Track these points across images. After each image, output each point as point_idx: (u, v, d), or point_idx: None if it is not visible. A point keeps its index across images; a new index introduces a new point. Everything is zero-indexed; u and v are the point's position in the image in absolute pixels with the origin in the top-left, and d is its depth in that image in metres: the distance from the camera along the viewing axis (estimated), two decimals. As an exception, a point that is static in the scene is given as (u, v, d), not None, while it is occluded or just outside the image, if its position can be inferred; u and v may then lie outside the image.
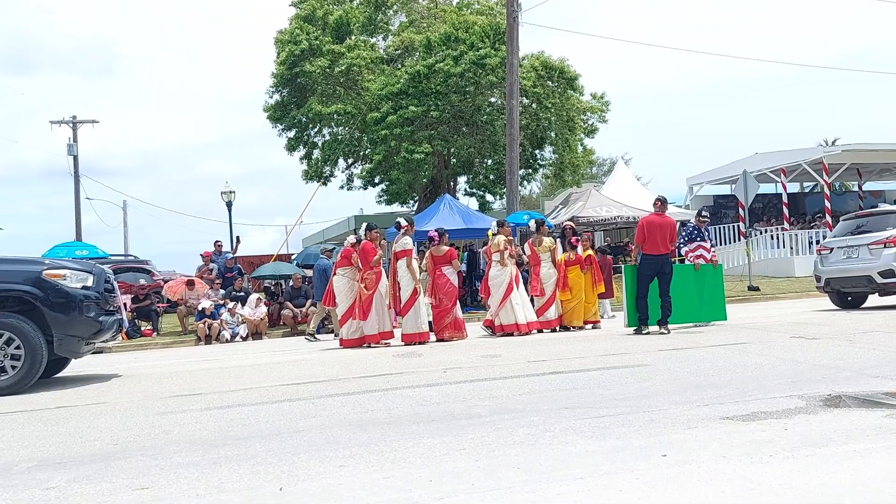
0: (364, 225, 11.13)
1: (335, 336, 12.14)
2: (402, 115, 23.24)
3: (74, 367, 9.25)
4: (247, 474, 3.59)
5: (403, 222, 11.10)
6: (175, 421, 5.20)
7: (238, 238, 21.00)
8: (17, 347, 7.19)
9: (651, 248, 9.95)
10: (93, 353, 10.10)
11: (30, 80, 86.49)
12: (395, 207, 29.99)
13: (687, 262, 11.31)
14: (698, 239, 11.66)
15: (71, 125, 33.80)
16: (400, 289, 10.62)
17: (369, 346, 10.48)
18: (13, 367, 7.21)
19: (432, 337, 10.87)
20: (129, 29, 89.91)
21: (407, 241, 10.79)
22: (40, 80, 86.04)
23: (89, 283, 7.66)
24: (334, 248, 16.39)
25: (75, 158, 33.72)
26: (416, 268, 10.71)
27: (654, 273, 9.95)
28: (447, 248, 11.18)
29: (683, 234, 11.60)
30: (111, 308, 8.06)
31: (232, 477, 3.56)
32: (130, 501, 3.28)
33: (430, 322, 10.99)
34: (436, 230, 11.40)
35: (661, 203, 10.48)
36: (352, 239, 11.33)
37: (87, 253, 18.11)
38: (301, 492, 3.25)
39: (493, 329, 11.29)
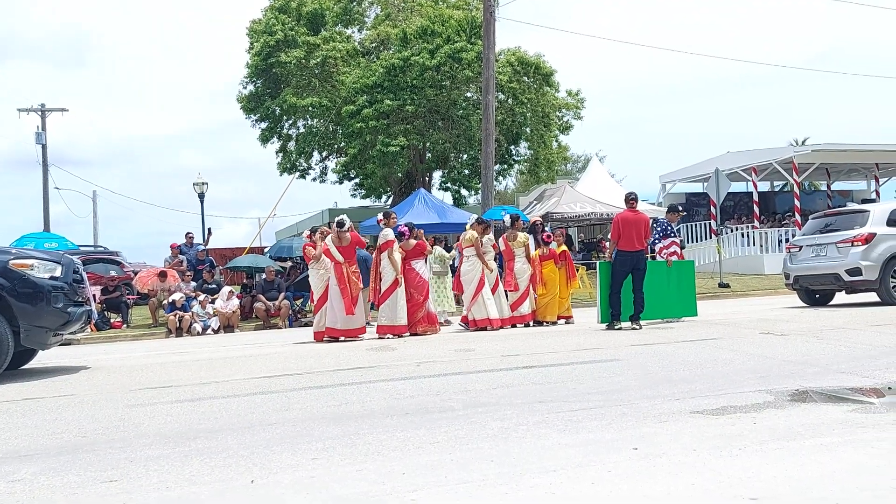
0: (338, 219, 11.03)
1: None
2: (378, 109, 23.15)
3: (42, 359, 9.09)
4: (218, 467, 3.56)
5: (381, 216, 11.17)
6: (145, 413, 5.14)
7: (210, 230, 20.80)
8: (-17, 338, 7.05)
9: (626, 245, 10.02)
10: (61, 345, 9.95)
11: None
12: (370, 202, 29.91)
13: (660, 258, 11.41)
14: (672, 235, 11.77)
15: (39, 113, 33.21)
16: (381, 280, 10.64)
17: (341, 340, 10.41)
18: (-22, 359, 7.07)
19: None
20: (100, 18, 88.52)
21: (388, 233, 10.79)
22: (8, 68, 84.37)
23: (57, 273, 7.53)
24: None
25: (44, 147, 33.16)
26: (397, 258, 10.69)
27: (628, 269, 10.03)
28: (416, 241, 11.16)
29: (658, 230, 11.70)
30: (80, 299, 7.93)
31: (203, 469, 3.53)
32: (99, 494, 3.23)
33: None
34: (405, 224, 11.38)
35: (633, 199, 10.56)
36: (307, 233, 11.42)
37: (57, 245, 17.81)
38: (273, 484, 3.23)
39: (469, 325, 11.31)
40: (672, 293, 10.86)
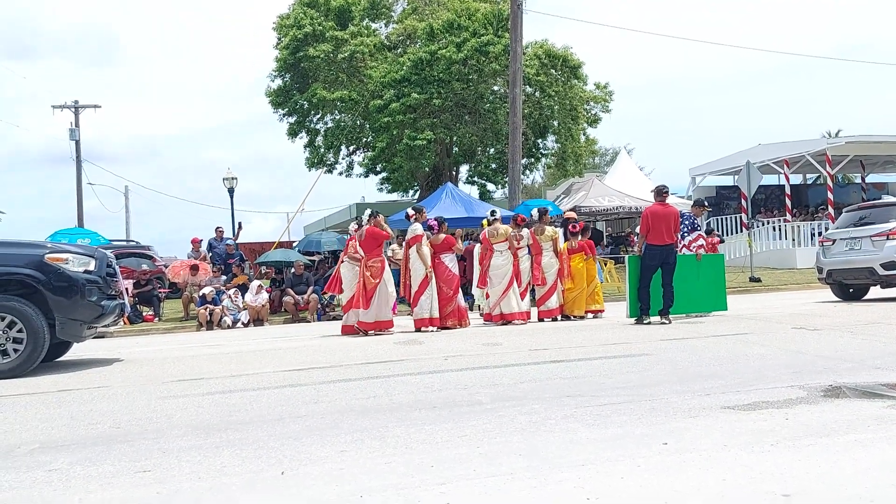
0: (368, 211, 11.13)
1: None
2: (405, 103, 23.18)
3: (76, 352, 9.27)
4: (249, 458, 3.60)
5: (411, 211, 11.17)
6: (177, 405, 5.22)
7: (240, 224, 21.02)
8: (20, 331, 7.22)
9: (656, 239, 9.93)
10: (95, 338, 10.14)
11: (31, 64, 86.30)
12: (397, 196, 29.97)
13: (688, 251, 11.30)
14: (698, 228, 11.66)
15: (73, 110, 33.75)
16: (410, 275, 10.67)
17: (366, 334, 10.44)
18: (15, 351, 7.24)
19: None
20: (130, 15, 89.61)
21: (417, 228, 10.82)
22: (42, 65, 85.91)
23: (91, 267, 7.66)
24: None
25: (77, 143, 33.69)
26: (426, 253, 10.70)
27: (658, 263, 9.94)
28: (445, 235, 11.17)
29: (686, 223, 11.58)
30: (113, 292, 8.07)
31: (234, 461, 3.57)
32: (133, 484, 3.28)
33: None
34: (435, 218, 11.39)
35: (660, 192, 10.44)
36: (353, 226, 11.34)
37: (90, 241, 18.11)
38: (303, 475, 3.26)
39: (493, 319, 11.29)
40: (702, 287, 10.75)
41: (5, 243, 7.73)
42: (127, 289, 14.46)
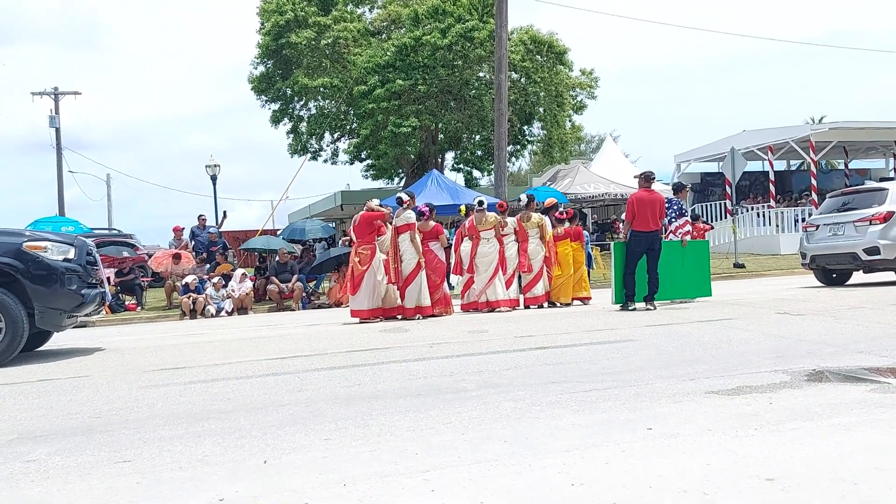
0: (375, 201, 11.06)
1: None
2: (389, 89, 23.03)
3: (57, 341, 9.17)
4: (231, 447, 3.56)
5: (405, 197, 11.03)
6: (158, 394, 5.16)
7: (225, 213, 20.89)
8: (-2, 321, 7.11)
9: (641, 225, 9.93)
10: (75, 327, 10.02)
11: (10, 50, 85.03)
12: (382, 183, 29.84)
13: (674, 237, 11.32)
14: (686, 214, 11.69)
15: (53, 97, 33.32)
16: (402, 262, 10.57)
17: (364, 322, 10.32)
18: (3, 337, 7.12)
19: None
20: (109, 1, 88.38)
21: (409, 215, 10.74)
22: (21, 51, 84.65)
23: (71, 255, 7.56)
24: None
25: (57, 131, 33.27)
26: (418, 242, 10.64)
27: (643, 249, 9.95)
28: (434, 223, 11.13)
29: (674, 209, 11.59)
30: (93, 281, 7.97)
31: (216, 450, 3.53)
32: (113, 474, 3.23)
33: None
34: (425, 204, 11.32)
35: (647, 178, 10.43)
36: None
37: (73, 229, 17.93)
38: (286, 464, 3.22)
39: (479, 307, 11.26)
40: (686, 273, 10.78)
41: (-18, 232, 7.60)
42: (109, 277, 14.34)
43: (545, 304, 11.70)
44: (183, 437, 3.84)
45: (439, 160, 26.89)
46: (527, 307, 11.53)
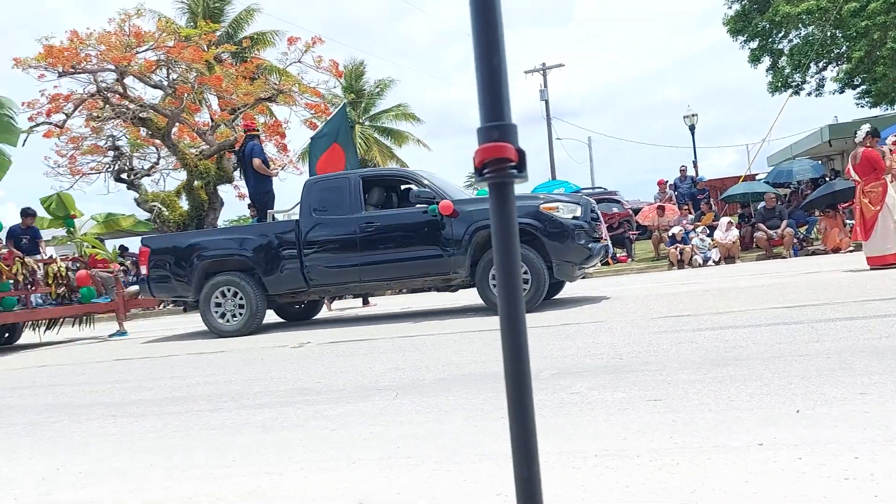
0: (865, 128, 9.69)
1: None
2: (888, 1, 19.81)
3: (568, 291, 10.29)
4: (756, 394, 3.59)
5: None
6: (670, 340, 5.44)
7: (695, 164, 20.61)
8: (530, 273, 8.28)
9: None
10: (581, 279, 11.09)
11: (508, 35, 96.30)
12: (880, 110, 26.00)
13: None
14: None
15: (541, 72, 36.86)
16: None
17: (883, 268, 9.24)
18: (530, 287, 8.30)
19: None
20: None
21: None
22: (515, 35, 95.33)
23: (578, 213, 8.41)
24: None
25: (546, 103, 36.78)
26: None
27: None
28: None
29: None
30: (597, 235, 8.74)
31: (741, 395, 3.60)
32: (647, 410, 3.55)
33: None
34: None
35: None
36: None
37: (564, 190, 19.79)
38: (820, 416, 3.13)
39: None
40: None
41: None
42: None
43: None
44: (703, 380, 3.99)
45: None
46: None
